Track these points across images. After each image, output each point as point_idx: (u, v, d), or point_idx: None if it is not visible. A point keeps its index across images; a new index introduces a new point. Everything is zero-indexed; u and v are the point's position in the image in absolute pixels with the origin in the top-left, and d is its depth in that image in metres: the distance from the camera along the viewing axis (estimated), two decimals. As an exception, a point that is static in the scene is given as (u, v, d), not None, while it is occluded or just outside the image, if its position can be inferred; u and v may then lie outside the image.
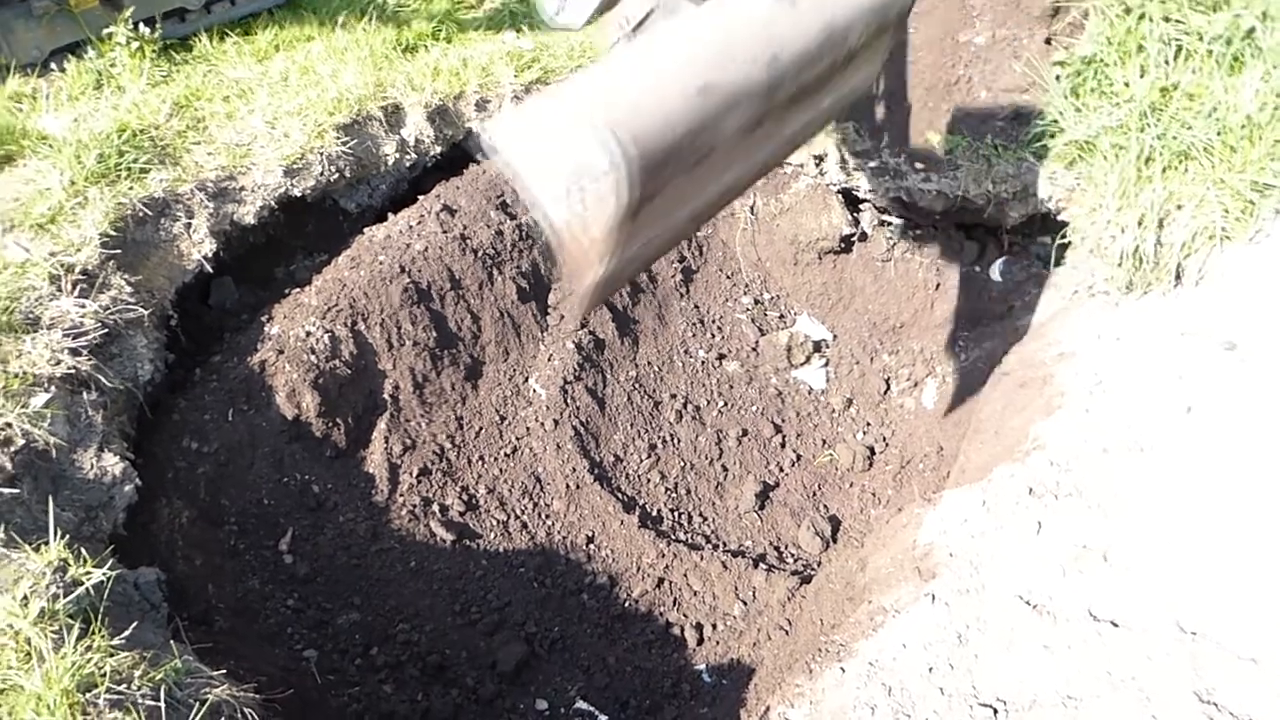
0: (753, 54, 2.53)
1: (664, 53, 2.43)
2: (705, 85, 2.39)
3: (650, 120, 2.26)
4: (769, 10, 2.61)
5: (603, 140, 2.16)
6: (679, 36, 2.49)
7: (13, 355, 3.25)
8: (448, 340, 4.44)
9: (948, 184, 5.08)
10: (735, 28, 2.55)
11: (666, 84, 2.34)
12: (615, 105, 2.23)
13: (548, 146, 2.27)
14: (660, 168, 2.34)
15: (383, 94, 5.04)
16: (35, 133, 4.23)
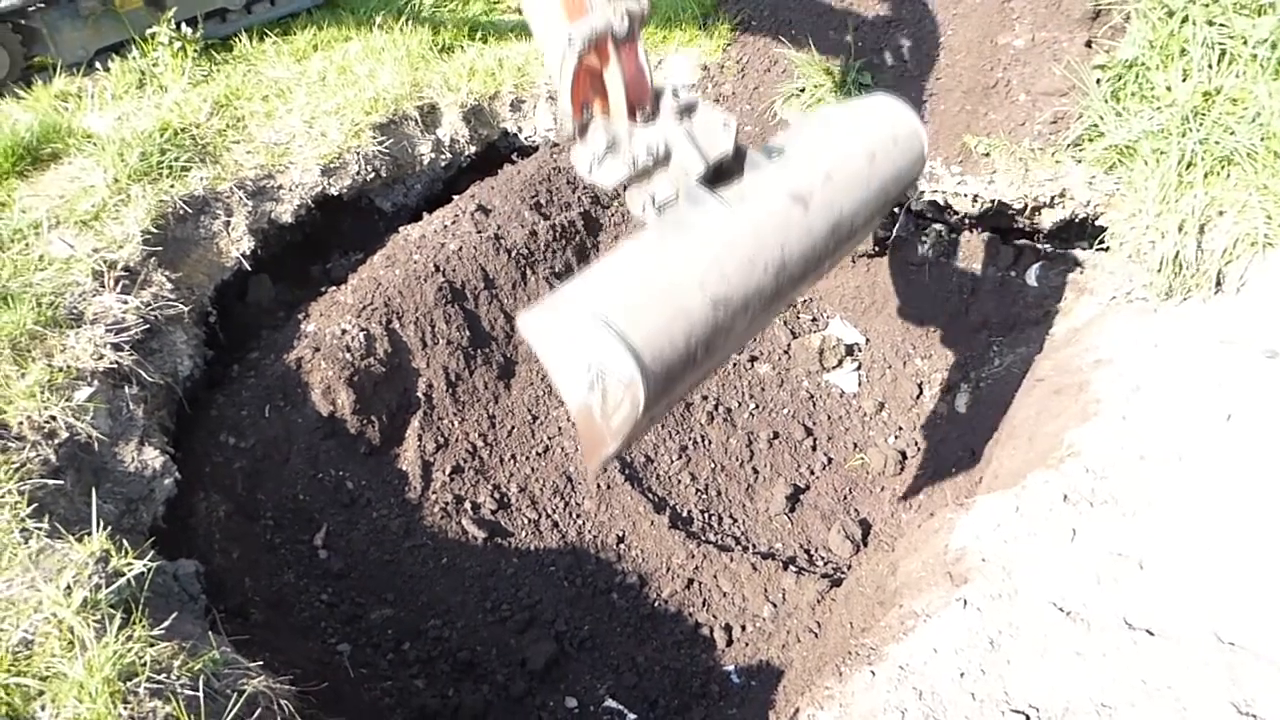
0: (765, 262, 2.79)
1: (687, 265, 2.66)
2: (721, 299, 2.66)
3: (670, 340, 2.53)
4: (783, 215, 2.87)
5: (626, 358, 2.41)
6: (701, 247, 2.72)
7: (57, 349, 3.31)
8: (481, 339, 4.47)
9: (984, 188, 5.05)
10: (751, 237, 2.79)
11: (688, 300, 2.59)
12: (640, 324, 2.48)
13: (576, 344, 2.52)
14: (676, 376, 2.60)
15: (419, 94, 5.08)
16: (80, 131, 4.31)
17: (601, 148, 2.99)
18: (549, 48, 2.98)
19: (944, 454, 4.72)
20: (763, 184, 2.91)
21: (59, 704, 2.32)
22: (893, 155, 3.26)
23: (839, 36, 5.59)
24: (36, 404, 3.11)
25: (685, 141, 2.87)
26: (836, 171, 3.06)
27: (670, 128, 2.91)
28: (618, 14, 2.79)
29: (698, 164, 2.87)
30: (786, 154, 3.04)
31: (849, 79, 5.43)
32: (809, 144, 3.14)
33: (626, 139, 2.96)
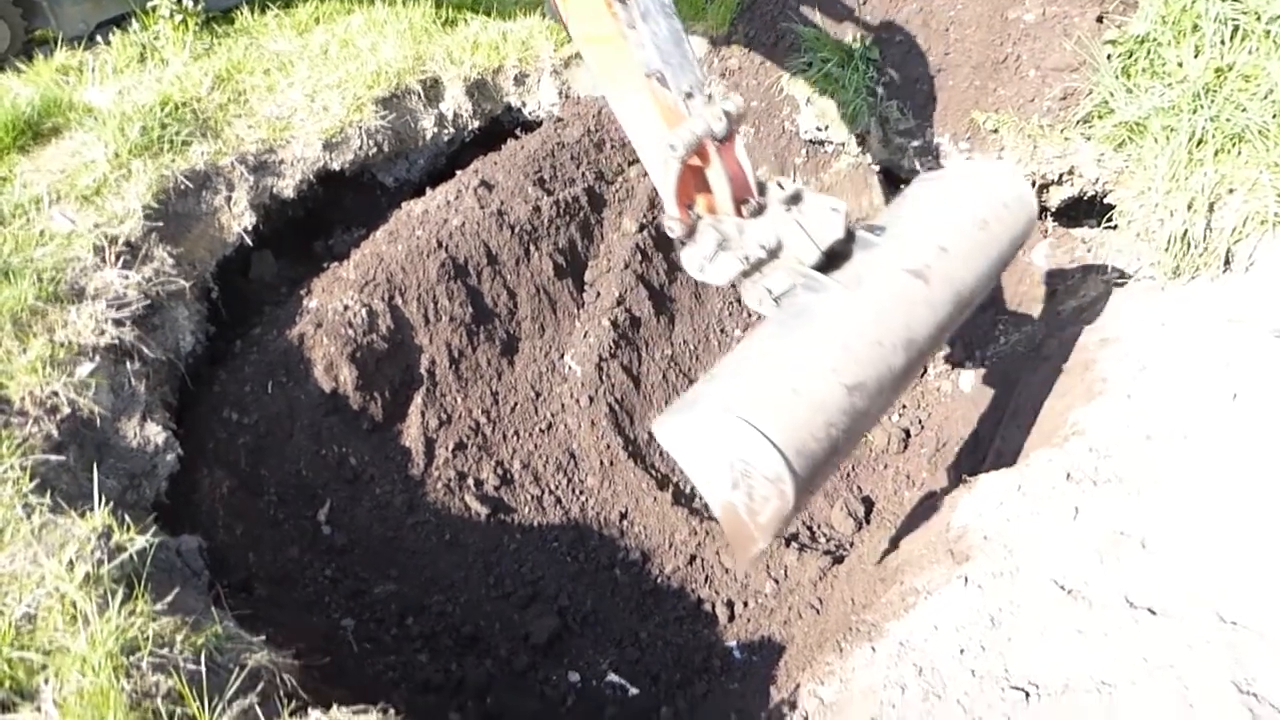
0: (893, 341, 2.81)
1: (818, 354, 2.69)
2: (856, 383, 2.68)
3: (811, 431, 2.54)
4: (905, 292, 2.90)
5: (771, 453, 2.43)
6: (828, 333, 2.74)
7: (59, 325, 3.30)
8: (484, 316, 4.45)
9: (991, 164, 5.01)
10: (876, 317, 2.82)
11: (824, 389, 2.62)
12: (780, 417, 2.50)
13: (715, 444, 2.53)
14: (820, 466, 2.59)
15: (421, 68, 5.04)
16: (81, 105, 4.29)
17: (712, 248, 2.96)
18: (648, 154, 3.03)
19: (948, 432, 4.70)
20: (878, 263, 2.92)
21: (62, 677, 2.33)
22: (1004, 219, 3.28)
23: (847, 10, 5.53)
24: (38, 379, 3.11)
25: (797, 231, 2.87)
26: (951, 243, 3.08)
27: (779, 219, 2.90)
28: (715, 116, 2.81)
29: (812, 253, 2.87)
30: (896, 230, 3.06)
31: (857, 54, 5.38)
32: (917, 218, 3.17)
33: (737, 235, 2.93)
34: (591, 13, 2.92)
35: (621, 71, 2.97)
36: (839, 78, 5.40)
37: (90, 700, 2.25)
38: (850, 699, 2.65)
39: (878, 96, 5.34)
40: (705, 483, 2.67)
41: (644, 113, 2.93)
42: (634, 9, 2.82)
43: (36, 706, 2.29)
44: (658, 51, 2.82)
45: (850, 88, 5.36)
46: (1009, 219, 3.29)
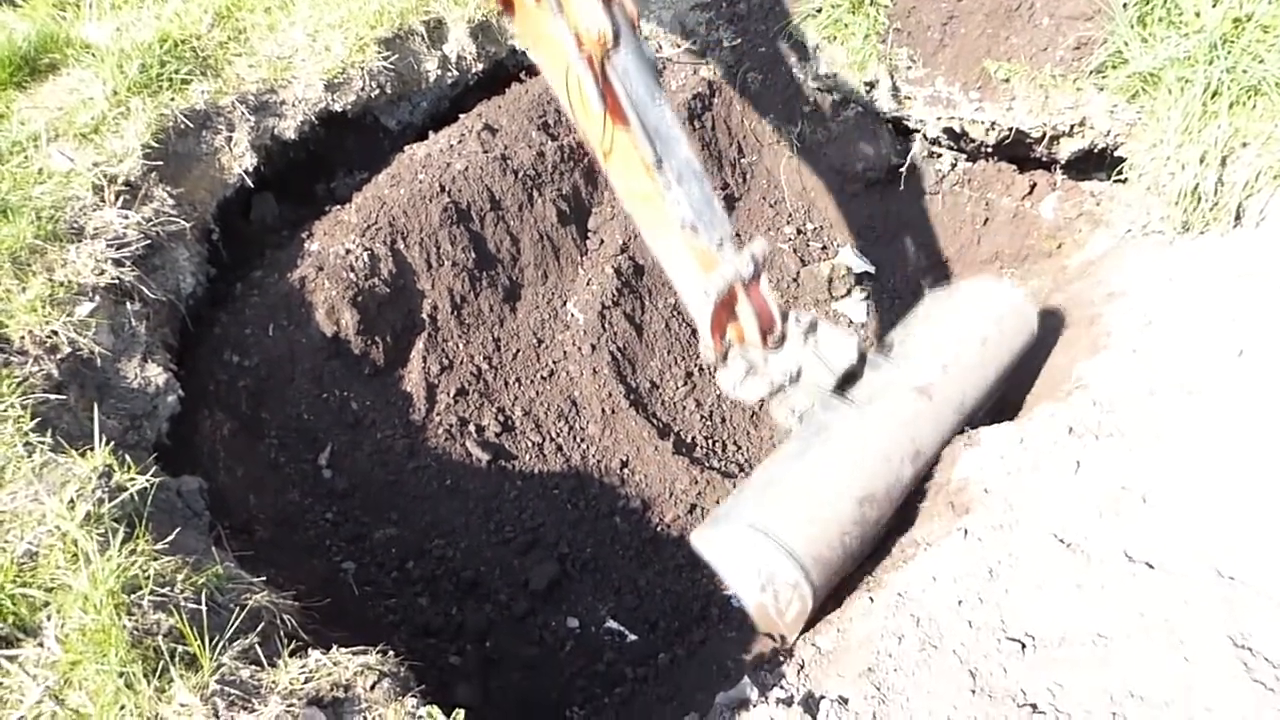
0: (901, 455, 3.21)
1: (834, 472, 3.09)
2: (866, 496, 3.07)
3: (827, 542, 2.94)
4: (911, 410, 3.30)
5: (791, 565, 2.85)
6: (843, 452, 3.15)
7: (58, 264, 3.28)
8: (486, 261, 4.42)
9: (1002, 115, 4.94)
10: (885, 435, 3.22)
11: (838, 504, 3.01)
12: (799, 533, 2.90)
13: (746, 556, 2.97)
14: (836, 570, 2.98)
15: (425, 7, 4.94)
16: (78, 41, 4.22)
17: (741, 373, 3.47)
18: (686, 294, 3.51)
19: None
20: (887, 383, 3.35)
21: (64, 614, 2.35)
22: (1003, 334, 3.68)
23: (858, -46, 5.41)
24: (38, 318, 3.09)
25: (814, 361, 3.33)
26: (952, 362, 3.48)
27: (799, 350, 3.36)
28: (744, 262, 3.24)
29: (828, 378, 3.33)
30: (904, 351, 3.50)
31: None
32: (922, 337, 3.59)
33: (763, 364, 3.41)
34: (633, 173, 3.30)
35: (660, 223, 3.37)
36: (848, 24, 5.31)
37: (92, 637, 2.27)
38: (847, 648, 2.67)
39: (887, 44, 5.24)
40: (738, 586, 3.09)
41: (680, 258, 3.37)
42: (670, 174, 3.18)
43: (39, 642, 2.31)
44: (691, 209, 3.19)
45: (859, 34, 5.27)
46: (1008, 333, 3.69)
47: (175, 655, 2.28)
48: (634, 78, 3.16)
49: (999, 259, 5.38)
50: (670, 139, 3.20)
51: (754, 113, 5.45)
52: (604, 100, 3.11)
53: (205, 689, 2.22)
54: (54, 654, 2.27)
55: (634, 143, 3.21)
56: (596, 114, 3.16)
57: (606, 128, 3.22)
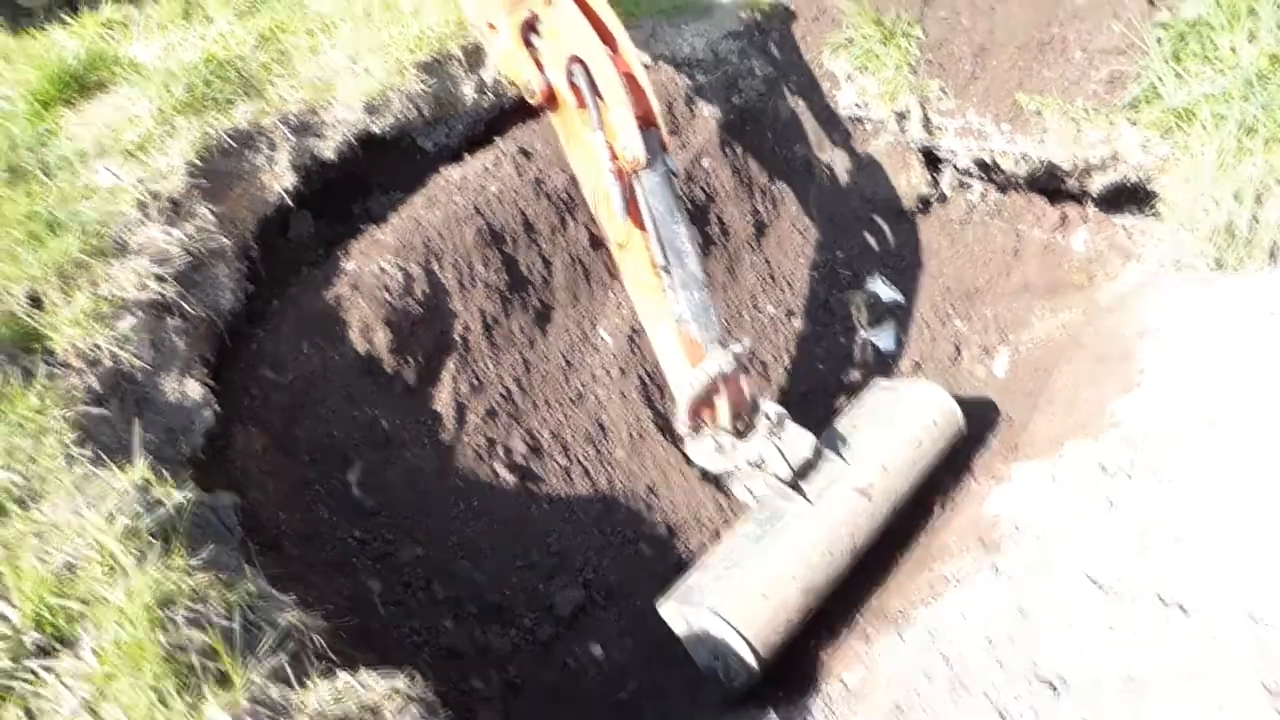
0: (840, 550, 3.64)
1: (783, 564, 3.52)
2: (808, 587, 3.51)
3: (774, 625, 3.39)
4: (851, 509, 3.72)
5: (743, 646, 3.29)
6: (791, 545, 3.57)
7: (102, 279, 3.34)
8: (518, 283, 4.46)
9: (1034, 148, 4.94)
10: (828, 532, 3.64)
11: (785, 593, 3.46)
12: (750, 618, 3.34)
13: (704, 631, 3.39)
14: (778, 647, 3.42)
15: (464, 33, 4.99)
16: (126, 60, 4.30)
17: (710, 449, 3.83)
18: (673, 378, 3.84)
19: (980, 417, 4.67)
20: (834, 480, 3.76)
21: (100, 627, 2.37)
22: (935, 436, 4.09)
23: (892, -14, 5.44)
24: (82, 332, 3.14)
25: (775, 453, 3.68)
26: (890, 461, 3.91)
27: (763, 441, 3.71)
28: (727, 360, 3.62)
29: (785, 471, 3.68)
30: (849, 446, 3.92)
31: (899, 30, 5.31)
32: (866, 435, 3.99)
33: (729, 447, 3.79)
34: (642, 269, 3.66)
35: (659, 314, 3.74)
36: (880, 55, 5.35)
37: (127, 651, 2.30)
38: (875, 685, 2.66)
39: (919, 75, 5.27)
40: (697, 654, 3.49)
41: (672, 346, 3.74)
42: (676, 280, 3.56)
43: (75, 654, 2.34)
44: (690, 312, 3.60)
45: (891, 65, 5.31)
46: (940, 437, 4.11)
47: (207, 672, 2.30)
48: (657, 196, 3.52)
49: (1029, 290, 5.36)
50: (682, 252, 3.56)
51: (785, 140, 5.48)
52: (627, 209, 3.44)
53: (236, 707, 2.24)
54: (90, 666, 2.30)
55: (647, 245, 3.54)
56: (619, 218, 3.47)
57: (625, 228, 3.56)
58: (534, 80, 3.68)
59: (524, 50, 3.70)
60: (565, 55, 3.50)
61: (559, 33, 3.55)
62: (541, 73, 3.66)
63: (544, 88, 3.66)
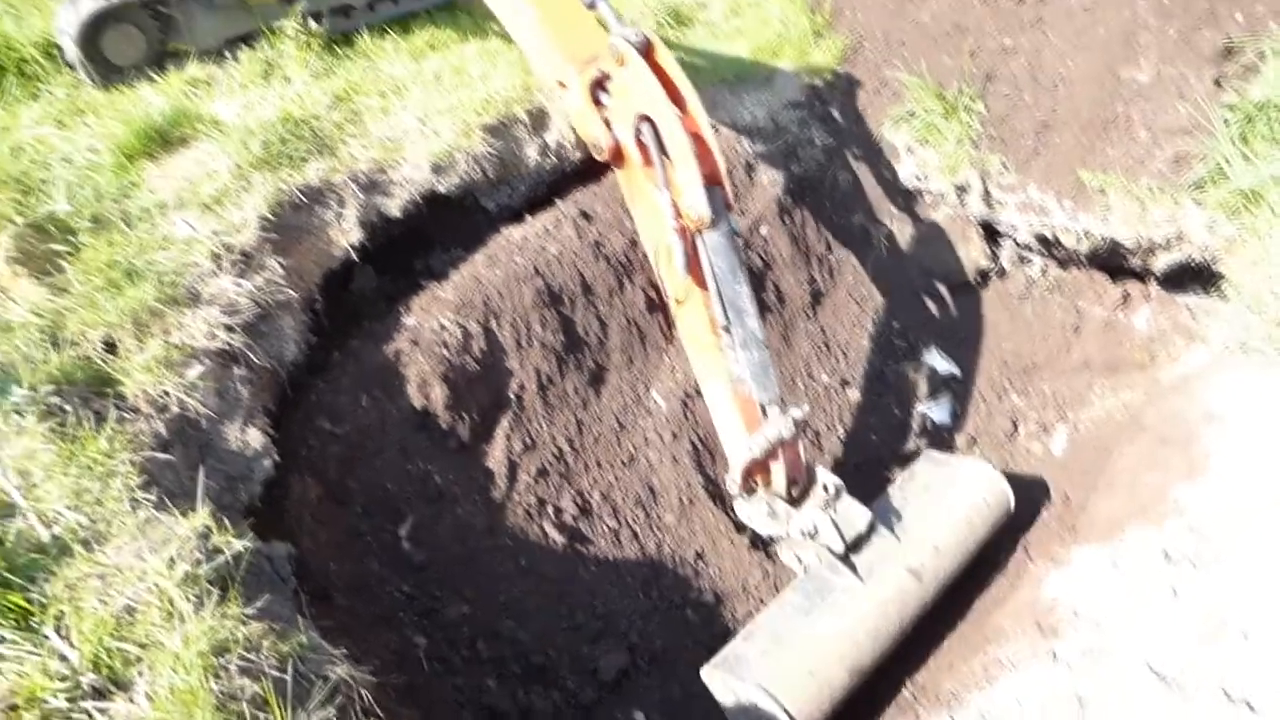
0: (887, 632, 3.62)
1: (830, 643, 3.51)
2: (854, 667, 3.51)
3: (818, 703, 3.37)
4: (902, 589, 3.68)
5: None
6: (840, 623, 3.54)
7: (174, 327, 3.44)
8: (574, 344, 4.50)
9: (1097, 225, 4.92)
10: (877, 612, 3.61)
11: (831, 672, 3.44)
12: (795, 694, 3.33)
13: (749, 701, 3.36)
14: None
15: (529, 98, 5.13)
16: (208, 117, 4.46)
17: (762, 514, 3.80)
18: (726, 439, 3.81)
19: (1036, 495, 4.58)
20: (885, 558, 3.72)
21: (156, 671, 2.40)
22: (985, 517, 4.08)
23: (953, 62, 5.49)
24: (152, 378, 3.23)
25: (830, 527, 3.64)
26: (942, 542, 3.88)
27: (817, 512, 3.67)
28: (786, 425, 3.56)
29: (838, 544, 3.64)
30: (902, 522, 3.87)
31: (961, 105, 5.34)
32: (919, 512, 3.96)
33: (783, 515, 3.75)
34: (700, 326, 3.64)
35: (715, 372, 3.71)
36: (941, 128, 5.38)
37: (180, 697, 2.32)
38: (927, 767, 2.59)
39: (980, 149, 5.29)
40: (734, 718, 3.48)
41: (727, 406, 3.72)
42: (736, 339, 3.50)
43: (130, 698, 2.37)
44: (749, 372, 3.52)
45: (952, 139, 5.33)
46: (988, 515, 4.09)
47: (258, 722, 2.31)
48: (720, 254, 3.49)
49: (1089, 368, 5.28)
50: (742, 311, 3.52)
51: (843, 210, 5.51)
52: (688, 266, 3.44)
53: (285, 759, 2.25)
54: (144, 711, 2.32)
55: (707, 303, 3.52)
56: (680, 275, 3.47)
57: (686, 285, 3.54)
58: (602, 137, 3.71)
59: (593, 108, 3.76)
60: (634, 113, 3.54)
61: (630, 91, 3.58)
62: (609, 130, 3.70)
63: (611, 144, 3.69)
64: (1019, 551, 4.32)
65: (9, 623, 2.45)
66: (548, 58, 3.99)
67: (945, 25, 5.64)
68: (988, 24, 5.53)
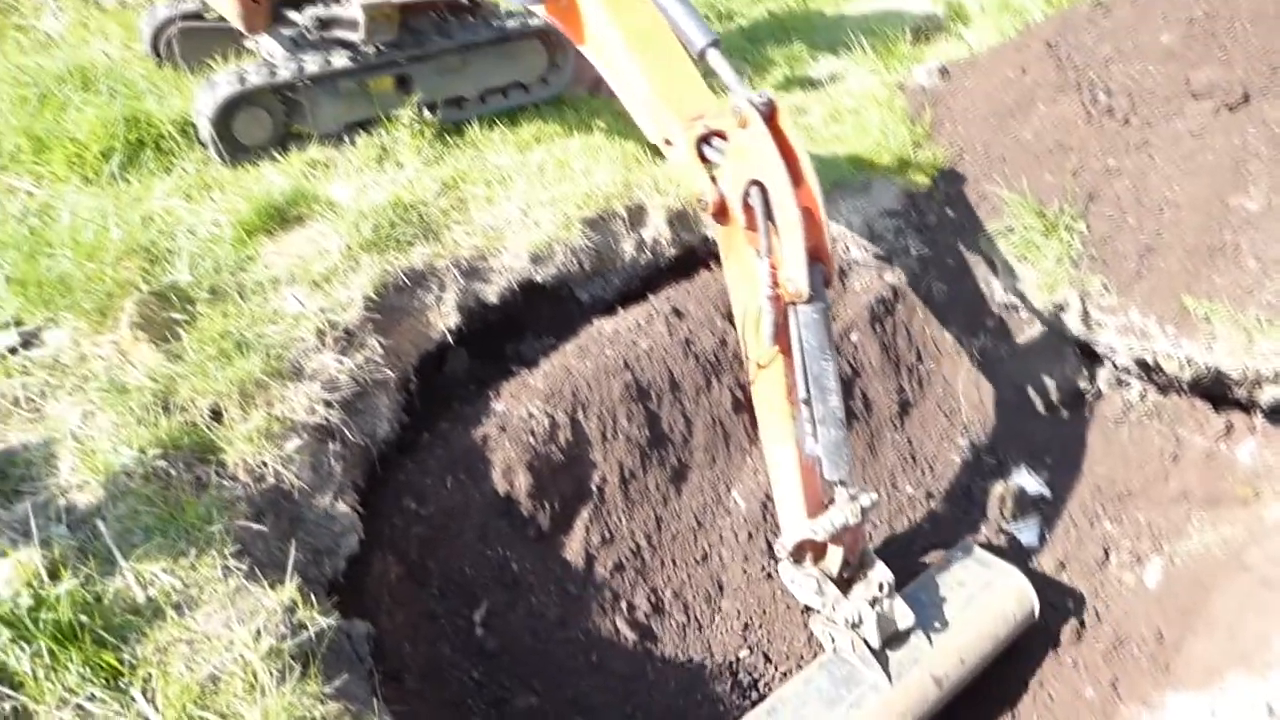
0: None
1: None
2: None
3: None
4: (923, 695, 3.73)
5: None
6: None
7: (277, 399, 3.55)
8: (659, 440, 4.51)
9: (1200, 353, 4.78)
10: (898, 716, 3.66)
11: None
12: None
13: None
14: None
15: (629, 194, 5.26)
16: (324, 198, 4.67)
17: (809, 588, 3.77)
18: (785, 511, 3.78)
19: (1127, 629, 4.39)
20: (915, 661, 3.77)
21: (234, 745, 2.43)
22: (1011, 631, 4.15)
23: (1055, 180, 5.47)
24: (253, 448, 3.34)
25: (873, 622, 3.67)
26: (968, 654, 3.94)
27: (864, 606, 3.69)
28: (854, 512, 3.58)
29: (876, 640, 3.69)
30: (935, 623, 3.92)
31: (1061, 223, 5.30)
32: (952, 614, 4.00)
33: (830, 597, 3.72)
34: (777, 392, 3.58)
35: (784, 438, 3.64)
36: (1040, 246, 5.33)
37: (256, 773, 2.34)
38: None
39: (1080, 269, 5.22)
40: None
41: (790, 475, 3.67)
42: (815, 415, 3.39)
43: (207, 769, 2.40)
44: (823, 448, 3.38)
45: (1051, 256, 5.28)
46: (1014, 629, 4.16)
47: (329, 806, 2.31)
48: (812, 330, 3.41)
49: (1187, 500, 5.08)
50: (826, 389, 3.43)
51: (936, 321, 5.47)
52: (776, 336, 3.40)
53: (353, 847, 2.24)
54: (219, 784, 2.34)
55: (788, 372, 3.49)
56: (766, 342, 3.42)
57: (770, 352, 3.50)
58: (707, 191, 3.61)
59: (699, 163, 3.71)
60: (747, 176, 3.46)
61: (747, 153, 3.47)
62: (715, 185, 3.61)
63: (717, 199, 3.59)
64: (1106, 689, 4.13)
65: (99, 681, 2.52)
66: (655, 115, 3.96)
67: (1048, 143, 5.63)
68: (1091, 144, 5.51)
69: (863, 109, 6.45)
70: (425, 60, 5.53)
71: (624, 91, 4.13)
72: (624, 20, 3.94)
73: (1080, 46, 5.96)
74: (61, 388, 3.44)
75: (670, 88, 3.92)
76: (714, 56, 3.73)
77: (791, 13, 9.29)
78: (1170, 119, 5.46)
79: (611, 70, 4.16)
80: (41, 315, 3.72)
